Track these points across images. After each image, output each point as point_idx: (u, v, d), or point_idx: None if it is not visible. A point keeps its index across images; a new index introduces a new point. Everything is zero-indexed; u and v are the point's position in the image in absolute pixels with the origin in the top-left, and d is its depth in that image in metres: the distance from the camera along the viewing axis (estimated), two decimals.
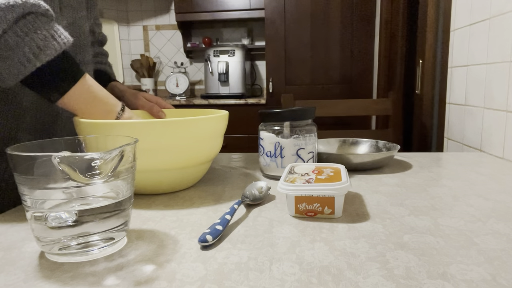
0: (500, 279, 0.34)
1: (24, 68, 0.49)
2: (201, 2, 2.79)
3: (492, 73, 0.93)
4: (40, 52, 0.50)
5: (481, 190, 0.61)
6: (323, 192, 0.48)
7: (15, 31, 0.48)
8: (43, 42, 0.50)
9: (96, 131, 0.53)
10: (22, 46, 0.49)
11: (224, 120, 0.62)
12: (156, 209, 0.54)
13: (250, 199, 0.55)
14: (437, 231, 0.44)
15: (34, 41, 0.49)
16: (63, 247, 0.38)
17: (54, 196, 0.36)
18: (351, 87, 2.57)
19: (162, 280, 0.35)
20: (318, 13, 2.53)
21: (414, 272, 0.35)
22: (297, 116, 0.68)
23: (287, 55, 2.59)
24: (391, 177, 0.69)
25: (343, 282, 0.34)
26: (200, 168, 0.62)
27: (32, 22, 0.50)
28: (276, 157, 0.68)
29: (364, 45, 2.52)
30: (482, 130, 0.98)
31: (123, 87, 0.87)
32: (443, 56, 1.28)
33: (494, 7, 0.92)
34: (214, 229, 0.43)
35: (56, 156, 0.34)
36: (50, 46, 0.50)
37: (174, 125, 0.54)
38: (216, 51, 2.82)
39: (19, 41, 0.48)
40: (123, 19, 3.27)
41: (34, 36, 0.49)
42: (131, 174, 0.40)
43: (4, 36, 0.47)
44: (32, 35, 0.49)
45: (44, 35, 0.50)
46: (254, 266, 0.37)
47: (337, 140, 0.91)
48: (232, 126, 2.65)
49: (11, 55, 0.48)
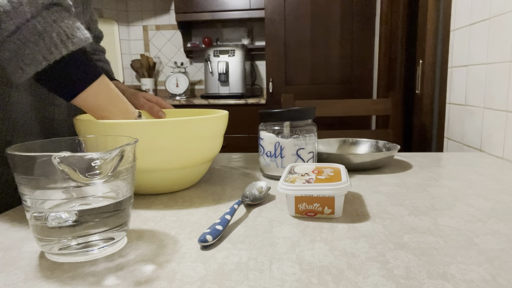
0: (500, 279, 0.34)
1: (50, 54, 0.48)
2: (201, 2, 2.79)
3: (492, 73, 0.93)
4: (67, 40, 0.49)
5: (481, 190, 0.61)
6: (323, 192, 0.48)
7: (44, 16, 0.48)
8: (70, 31, 0.50)
9: (96, 131, 0.53)
10: (50, 31, 0.48)
11: (224, 120, 0.62)
12: (156, 209, 0.54)
13: (250, 199, 0.55)
14: (437, 231, 0.44)
15: (62, 28, 0.49)
16: (63, 247, 0.38)
17: (54, 196, 0.36)
18: (351, 87, 2.57)
19: (162, 280, 0.35)
20: (318, 13, 2.53)
21: (414, 272, 0.35)
22: (297, 116, 0.68)
23: (287, 55, 2.59)
24: (391, 177, 0.69)
25: (343, 282, 0.34)
26: (200, 168, 0.62)
27: (60, 12, 0.49)
28: (276, 157, 0.68)
29: (364, 45, 2.52)
30: (482, 130, 0.98)
31: (123, 87, 0.87)
32: (443, 56, 1.28)
33: (494, 7, 0.92)
34: (214, 229, 0.43)
35: (56, 156, 0.34)
36: (78, 36, 0.50)
37: (174, 125, 0.54)
38: (216, 51, 2.82)
39: (47, 27, 0.48)
40: (123, 19, 3.27)
41: (61, 24, 0.49)
42: (131, 174, 0.40)
43: (32, 21, 0.47)
44: (60, 23, 0.49)
45: (71, 25, 0.50)
46: (254, 266, 0.37)
47: (337, 140, 0.91)
48: (232, 126, 2.65)
49: (38, 40, 0.47)
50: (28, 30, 0.47)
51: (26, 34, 0.47)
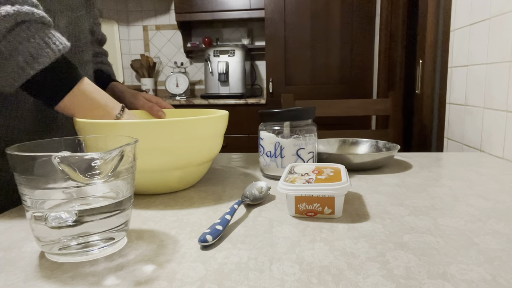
0: (500, 279, 0.34)
1: (18, 76, 0.50)
2: (201, 2, 2.79)
3: (492, 73, 0.93)
4: (33, 61, 0.50)
5: (481, 190, 0.61)
6: (323, 192, 0.48)
7: (9, 40, 0.49)
8: (36, 51, 0.50)
9: (96, 131, 0.53)
10: (15, 55, 0.49)
11: (224, 120, 0.62)
12: (156, 209, 0.54)
13: (250, 199, 0.55)
14: (437, 231, 0.44)
15: (27, 49, 0.50)
16: (63, 247, 0.38)
17: (54, 196, 0.36)
18: (351, 87, 2.57)
19: (162, 280, 0.35)
20: (318, 13, 2.53)
21: (414, 272, 0.35)
22: (297, 116, 0.68)
23: (287, 55, 2.59)
24: (391, 177, 0.69)
25: (343, 282, 0.34)
26: (200, 168, 0.62)
27: (26, 30, 0.50)
28: (276, 157, 0.68)
29: (364, 45, 2.52)
30: (482, 130, 0.98)
31: (123, 87, 0.87)
32: (443, 56, 1.28)
33: (494, 7, 0.92)
34: (214, 229, 0.43)
35: (56, 156, 0.34)
36: (44, 54, 0.51)
37: (173, 125, 0.54)
38: (216, 51, 2.82)
39: (12, 51, 0.49)
40: (123, 19, 3.27)
41: (27, 45, 0.50)
42: (131, 174, 0.40)
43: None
44: (26, 44, 0.50)
45: (38, 43, 0.51)
46: (254, 266, 0.37)
47: (337, 140, 0.91)
48: (232, 126, 2.65)
49: (5, 64, 0.49)
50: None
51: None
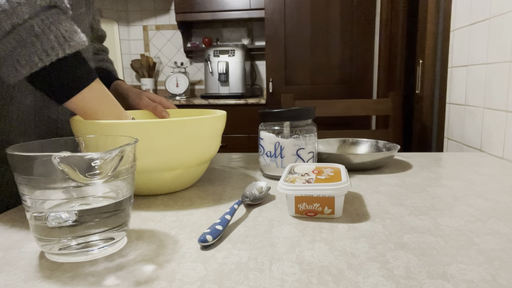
0: (500, 279, 0.34)
1: (46, 56, 0.48)
2: (201, 2, 2.79)
3: (492, 73, 0.93)
4: (65, 42, 0.49)
5: (481, 190, 0.61)
6: (323, 192, 0.48)
7: (42, 18, 0.47)
8: (68, 34, 0.49)
9: (96, 131, 0.53)
10: (47, 33, 0.48)
11: (222, 120, 0.62)
12: (156, 209, 0.54)
13: (250, 199, 0.55)
14: (437, 231, 0.44)
15: (59, 31, 0.48)
16: (63, 247, 0.38)
17: (54, 196, 0.36)
18: (351, 87, 2.57)
19: (162, 280, 0.35)
20: (318, 13, 2.53)
21: (414, 272, 0.35)
22: (297, 116, 0.68)
23: (287, 55, 2.59)
24: (391, 177, 0.69)
25: (343, 282, 0.34)
26: (199, 169, 0.62)
27: (58, 14, 0.49)
28: (276, 157, 0.68)
29: (364, 45, 2.52)
30: (482, 130, 0.98)
31: (127, 86, 0.87)
32: (443, 56, 1.28)
33: (494, 7, 0.92)
34: (214, 229, 0.43)
35: (56, 156, 0.34)
36: (75, 39, 0.50)
37: (171, 125, 0.54)
38: (216, 51, 2.82)
39: (45, 29, 0.47)
40: (123, 19, 3.27)
41: (59, 27, 0.49)
42: (131, 174, 0.40)
43: (30, 21, 0.47)
44: (58, 26, 0.49)
45: (69, 28, 0.50)
46: (254, 266, 0.37)
47: (337, 140, 0.91)
48: (232, 126, 2.65)
49: (35, 41, 0.47)
50: (25, 31, 0.46)
51: (22, 35, 0.46)
